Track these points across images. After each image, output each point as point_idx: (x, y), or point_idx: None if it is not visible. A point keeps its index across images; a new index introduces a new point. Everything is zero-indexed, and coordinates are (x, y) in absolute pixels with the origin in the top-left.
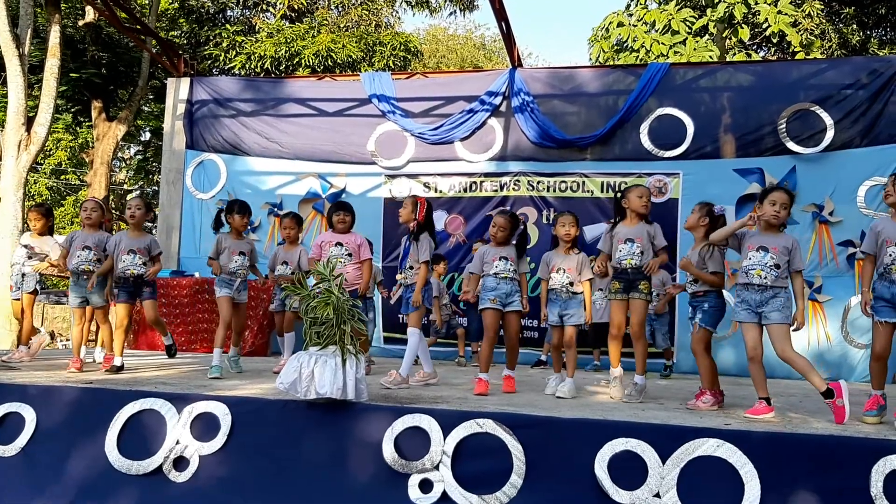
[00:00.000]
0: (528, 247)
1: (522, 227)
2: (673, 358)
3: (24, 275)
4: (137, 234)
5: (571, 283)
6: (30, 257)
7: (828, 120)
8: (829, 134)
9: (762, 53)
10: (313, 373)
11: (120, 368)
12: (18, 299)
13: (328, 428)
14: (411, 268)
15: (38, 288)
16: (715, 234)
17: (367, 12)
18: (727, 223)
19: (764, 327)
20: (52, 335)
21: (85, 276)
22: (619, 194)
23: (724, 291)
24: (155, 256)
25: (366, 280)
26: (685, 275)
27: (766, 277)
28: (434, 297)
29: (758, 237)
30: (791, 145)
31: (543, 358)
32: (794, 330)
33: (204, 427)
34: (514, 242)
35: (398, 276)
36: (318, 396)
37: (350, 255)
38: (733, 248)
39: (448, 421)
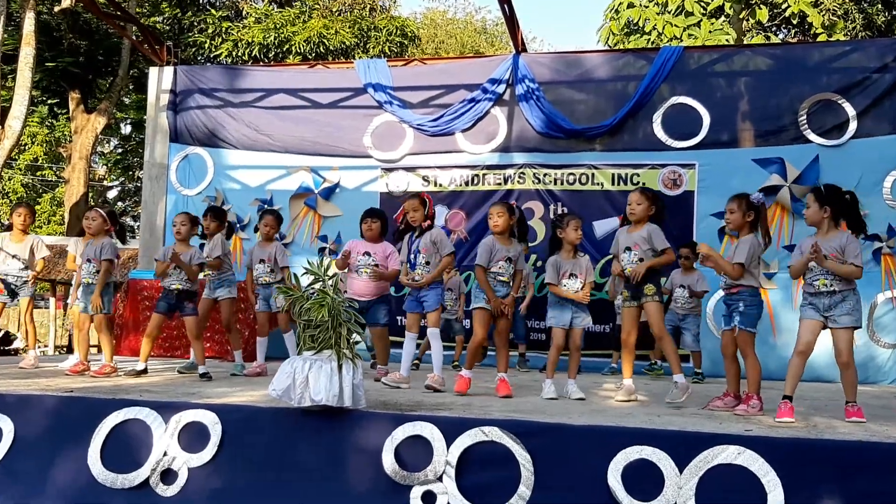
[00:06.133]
0: (534, 244)
1: (518, 212)
2: (700, 362)
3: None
4: (183, 250)
5: (582, 287)
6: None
7: (850, 111)
8: (853, 125)
9: (781, 36)
10: (307, 379)
11: (142, 372)
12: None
13: (324, 437)
14: (428, 263)
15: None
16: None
17: None
18: (767, 214)
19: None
20: None
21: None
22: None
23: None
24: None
25: (382, 285)
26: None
27: (831, 285)
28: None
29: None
30: (812, 137)
31: (614, 365)
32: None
33: (192, 437)
34: (516, 236)
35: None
36: (313, 403)
37: (376, 265)
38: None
39: (451, 429)
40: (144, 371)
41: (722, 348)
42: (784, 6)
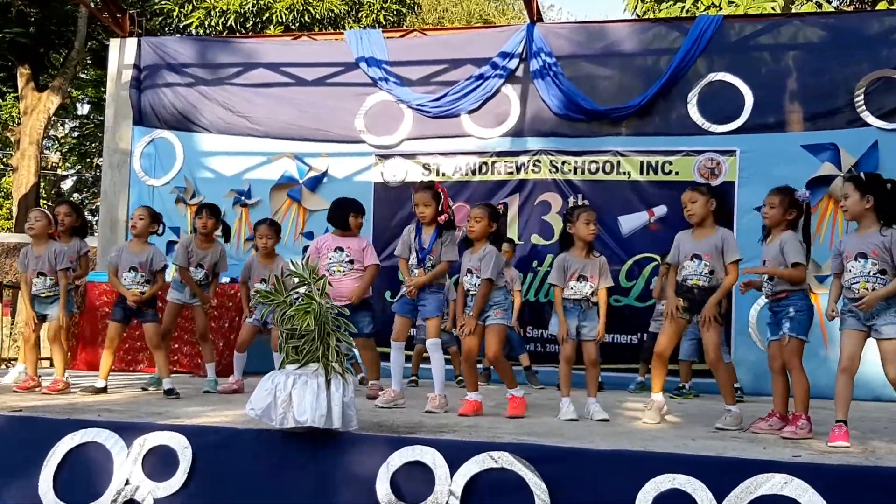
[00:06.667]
0: (552, 241)
1: (502, 213)
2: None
3: None
4: (139, 249)
5: (594, 293)
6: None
7: None
8: None
9: (836, 3)
10: (291, 396)
11: (101, 390)
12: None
13: (310, 463)
14: (434, 266)
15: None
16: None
17: None
18: (811, 213)
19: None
20: None
21: (44, 297)
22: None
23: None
24: (158, 272)
25: (362, 287)
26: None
27: (873, 289)
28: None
29: (854, 241)
30: (871, 120)
31: (641, 379)
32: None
33: (159, 463)
34: (491, 239)
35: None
36: (298, 425)
37: (351, 262)
38: None
39: (456, 454)
40: (104, 390)
41: (769, 361)
42: None
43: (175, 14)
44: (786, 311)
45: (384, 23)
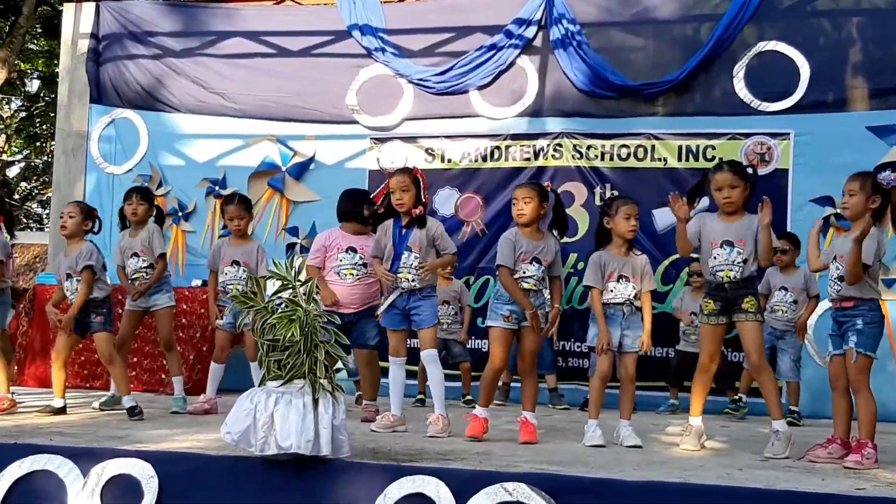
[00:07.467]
0: (574, 239)
1: (553, 197)
2: (798, 398)
3: None
4: (72, 249)
5: (636, 296)
6: None
7: None
8: None
9: None
10: (273, 418)
11: (60, 410)
12: None
13: (295, 495)
14: (420, 266)
15: None
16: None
17: None
18: None
19: None
20: None
21: None
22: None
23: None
24: (81, 271)
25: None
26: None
27: None
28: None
29: None
30: None
31: (674, 401)
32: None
33: (120, 495)
34: (548, 227)
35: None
36: (281, 451)
37: (365, 265)
38: None
39: (463, 485)
40: (63, 410)
41: (830, 379)
42: None
43: None
44: (853, 322)
45: None
